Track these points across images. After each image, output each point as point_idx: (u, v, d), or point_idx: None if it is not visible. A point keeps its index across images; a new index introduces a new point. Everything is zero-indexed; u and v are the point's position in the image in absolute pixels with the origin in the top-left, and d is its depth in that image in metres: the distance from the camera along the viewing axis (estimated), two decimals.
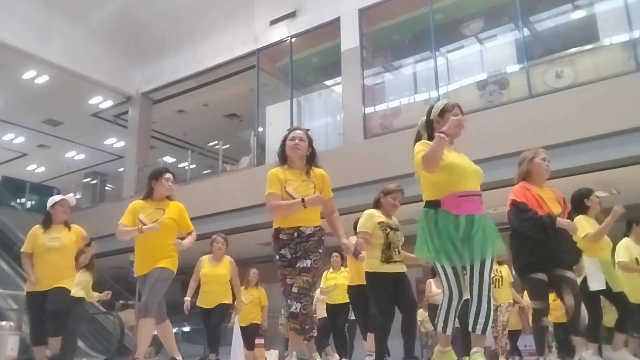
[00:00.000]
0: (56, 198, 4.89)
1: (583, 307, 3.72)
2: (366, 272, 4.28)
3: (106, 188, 17.48)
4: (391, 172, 7.73)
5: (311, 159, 3.55)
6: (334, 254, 6.53)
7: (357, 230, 4.37)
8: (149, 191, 4.26)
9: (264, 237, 11.37)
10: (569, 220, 3.74)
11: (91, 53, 13.28)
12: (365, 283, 4.41)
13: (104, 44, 13.65)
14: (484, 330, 2.66)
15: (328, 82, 12.38)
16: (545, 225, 3.60)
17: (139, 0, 13.60)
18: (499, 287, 6.83)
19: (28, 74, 13.26)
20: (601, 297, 4.33)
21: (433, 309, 6.91)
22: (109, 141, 16.96)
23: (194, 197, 10.16)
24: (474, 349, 2.71)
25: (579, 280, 4.06)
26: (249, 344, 7.19)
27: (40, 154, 17.74)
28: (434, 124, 2.98)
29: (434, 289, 6.81)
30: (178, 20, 13.83)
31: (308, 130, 3.67)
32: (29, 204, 18.02)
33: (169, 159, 15.56)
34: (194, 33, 13.45)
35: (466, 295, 2.82)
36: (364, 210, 4.54)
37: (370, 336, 4.66)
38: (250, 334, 7.18)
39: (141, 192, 4.42)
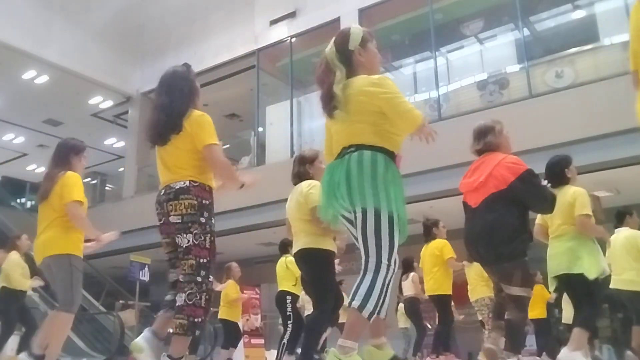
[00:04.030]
0: None
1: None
2: None
3: (106, 188, 17.45)
4: None
5: None
6: None
7: None
8: (67, 165, 3.72)
9: (264, 237, 11.45)
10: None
11: (91, 53, 13.28)
12: None
13: (104, 44, 13.64)
14: (360, 308, 2.12)
15: None
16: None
17: (139, 0, 13.61)
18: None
19: (28, 74, 13.26)
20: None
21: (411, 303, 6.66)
22: (109, 141, 16.95)
23: None
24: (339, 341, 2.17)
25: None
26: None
27: (40, 154, 17.70)
28: (354, 55, 2.52)
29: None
30: (178, 20, 13.82)
31: None
32: (29, 204, 17.98)
33: None
34: (194, 33, 13.45)
35: None
36: None
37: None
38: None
39: (141, 192, 4.37)
